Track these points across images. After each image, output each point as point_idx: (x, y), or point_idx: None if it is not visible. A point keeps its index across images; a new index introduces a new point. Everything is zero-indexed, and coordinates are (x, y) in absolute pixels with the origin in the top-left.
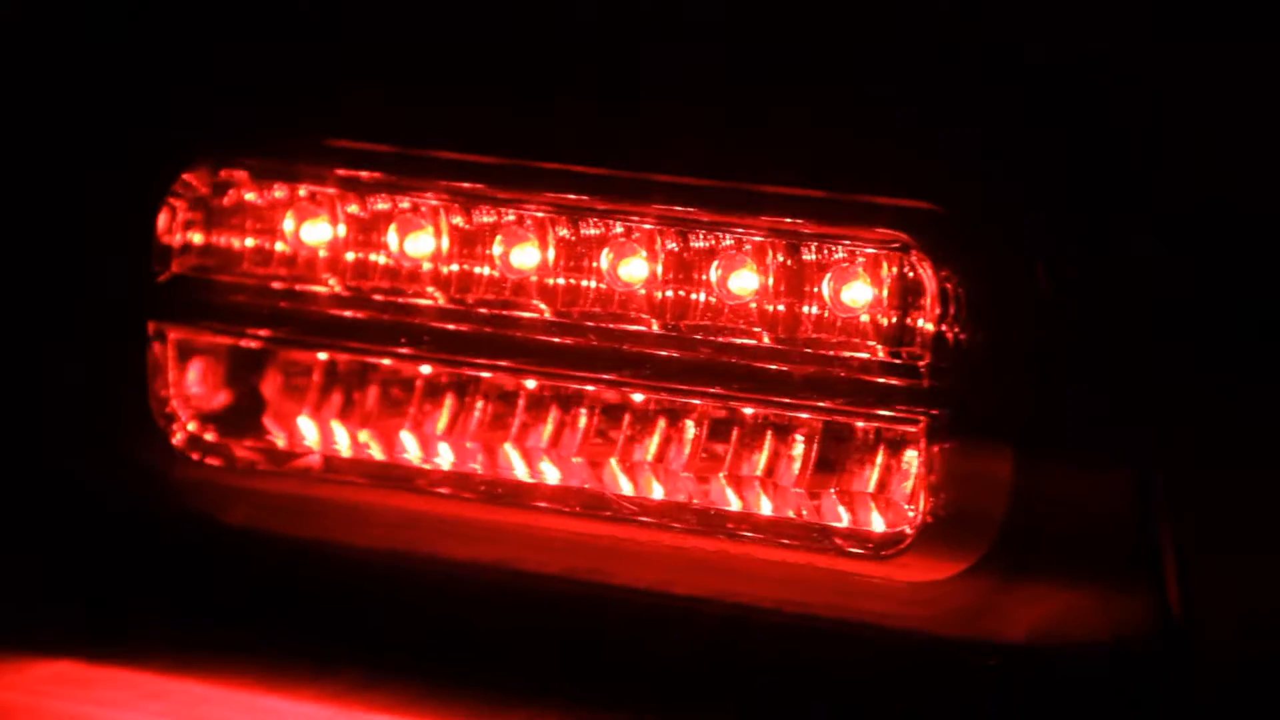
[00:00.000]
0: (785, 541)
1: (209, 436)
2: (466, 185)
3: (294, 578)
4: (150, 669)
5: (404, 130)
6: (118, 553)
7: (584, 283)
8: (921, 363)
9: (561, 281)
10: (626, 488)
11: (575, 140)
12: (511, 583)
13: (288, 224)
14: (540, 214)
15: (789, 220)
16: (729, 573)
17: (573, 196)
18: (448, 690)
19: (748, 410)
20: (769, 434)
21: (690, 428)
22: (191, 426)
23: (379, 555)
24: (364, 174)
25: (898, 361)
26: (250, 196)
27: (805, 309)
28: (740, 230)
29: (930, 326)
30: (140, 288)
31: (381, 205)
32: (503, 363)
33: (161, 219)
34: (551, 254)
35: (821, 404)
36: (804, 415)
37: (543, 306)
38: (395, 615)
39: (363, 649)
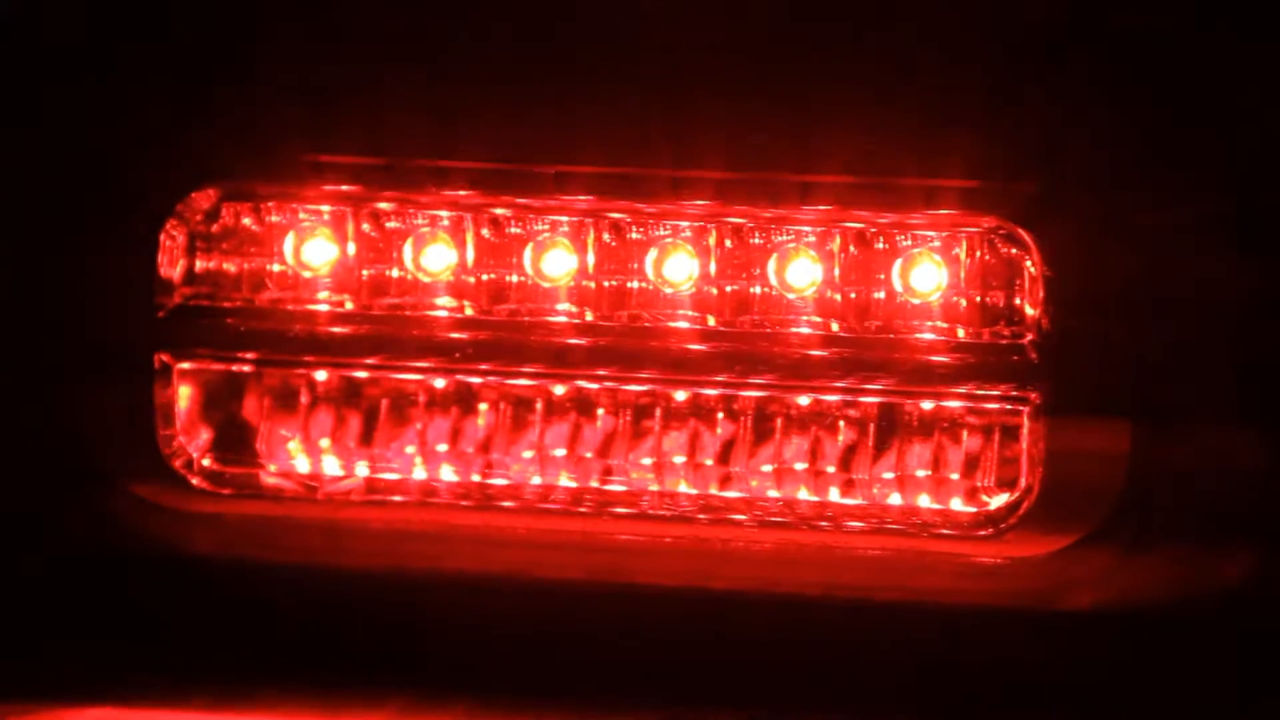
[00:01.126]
0: (887, 526)
1: (228, 469)
2: (491, 196)
3: (333, 606)
4: (194, 708)
5: (414, 142)
6: (141, 593)
7: (629, 284)
8: (1025, 340)
9: (607, 284)
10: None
11: (608, 142)
12: (548, 590)
13: (288, 245)
14: (568, 219)
15: (876, 207)
16: (824, 564)
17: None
18: (496, 710)
19: (802, 400)
20: (845, 422)
21: (750, 420)
22: (206, 461)
23: (416, 576)
24: (368, 189)
25: (1001, 341)
26: (247, 221)
27: (875, 294)
28: (804, 221)
29: (1032, 308)
30: (143, 322)
31: (393, 223)
32: (561, 370)
33: (161, 251)
34: (592, 259)
35: (924, 388)
36: (909, 402)
37: (579, 310)
38: (435, 637)
39: (408, 674)
